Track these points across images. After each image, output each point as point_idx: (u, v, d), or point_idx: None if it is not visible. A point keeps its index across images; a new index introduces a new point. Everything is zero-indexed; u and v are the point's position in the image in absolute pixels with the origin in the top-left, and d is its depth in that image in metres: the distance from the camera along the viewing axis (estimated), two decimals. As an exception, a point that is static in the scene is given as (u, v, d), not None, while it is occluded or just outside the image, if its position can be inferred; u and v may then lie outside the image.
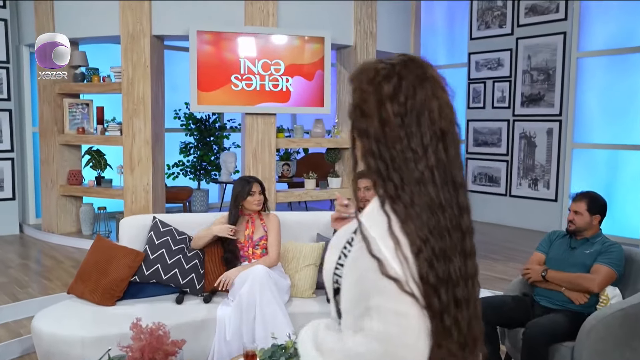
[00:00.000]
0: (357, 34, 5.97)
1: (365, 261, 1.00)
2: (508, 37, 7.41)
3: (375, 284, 0.99)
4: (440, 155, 1.03)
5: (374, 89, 1.04)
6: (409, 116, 1.02)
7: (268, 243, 3.56)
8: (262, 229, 3.60)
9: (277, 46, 5.46)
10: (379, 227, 1.00)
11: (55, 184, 6.09)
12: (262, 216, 3.66)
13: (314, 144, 5.87)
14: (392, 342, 0.98)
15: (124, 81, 5.50)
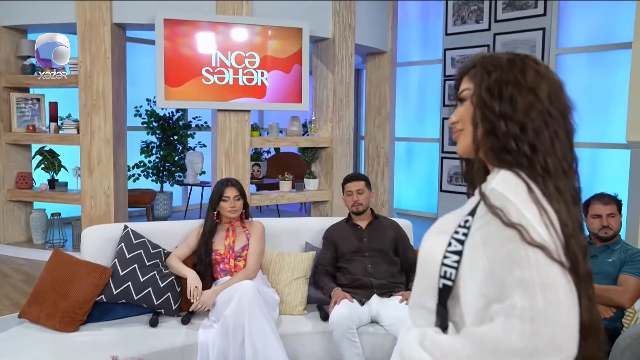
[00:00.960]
0: (336, 26, 5.61)
1: (500, 234, 0.93)
2: (485, 33, 7.20)
3: (517, 255, 0.90)
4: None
5: (518, 76, 1.05)
6: (553, 108, 1.04)
7: (248, 253, 3.15)
8: (245, 237, 3.20)
9: (251, 37, 5.04)
10: (518, 194, 0.95)
11: (2, 188, 5.47)
12: (245, 224, 3.25)
13: (290, 143, 5.48)
14: (540, 320, 0.86)
15: (82, 74, 4.96)
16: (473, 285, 0.99)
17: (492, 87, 1.06)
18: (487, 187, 1.00)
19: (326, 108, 5.71)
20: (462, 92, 1.13)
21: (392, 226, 3.38)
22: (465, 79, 1.14)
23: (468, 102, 1.10)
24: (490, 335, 0.90)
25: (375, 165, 6.89)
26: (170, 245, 3.30)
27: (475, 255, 0.98)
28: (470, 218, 1.02)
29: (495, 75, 1.07)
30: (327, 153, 5.71)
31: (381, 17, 6.46)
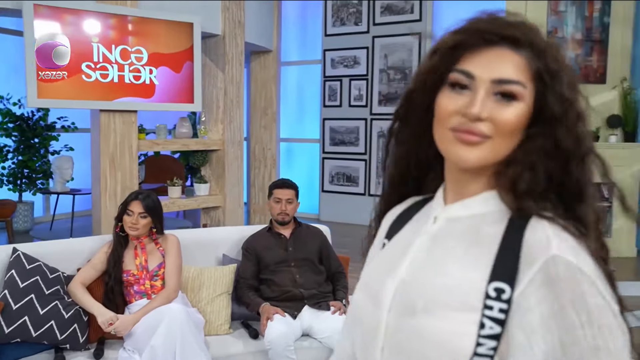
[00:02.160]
0: (226, 23, 5.33)
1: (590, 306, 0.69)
2: (364, 35, 7.37)
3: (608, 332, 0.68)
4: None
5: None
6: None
7: (166, 271, 2.84)
8: (160, 255, 2.87)
9: (137, 31, 4.59)
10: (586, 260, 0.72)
11: None
12: (158, 239, 2.92)
13: (180, 145, 5.10)
14: None
15: None
16: None
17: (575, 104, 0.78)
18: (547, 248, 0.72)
19: (216, 109, 5.42)
20: (510, 83, 0.77)
21: (316, 233, 3.27)
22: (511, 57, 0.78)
23: (522, 104, 0.78)
24: None
25: (262, 167, 6.71)
26: (72, 268, 2.86)
27: (532, 340, 0.71)
28: (506, 287, 0.73)
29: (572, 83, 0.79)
30: (218, 156, 5.42)
31: (267, 14, 6.29)
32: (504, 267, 0.74)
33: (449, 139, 0.79)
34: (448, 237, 0.83)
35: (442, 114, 0.80)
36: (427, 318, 0.76)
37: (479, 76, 0.78)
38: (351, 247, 6.33)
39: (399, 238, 0.90)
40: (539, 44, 0.79)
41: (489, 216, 0.81)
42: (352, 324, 0.90)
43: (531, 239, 0.74)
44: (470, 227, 0.81)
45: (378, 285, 0.85)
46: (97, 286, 2.82)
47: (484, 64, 0.78)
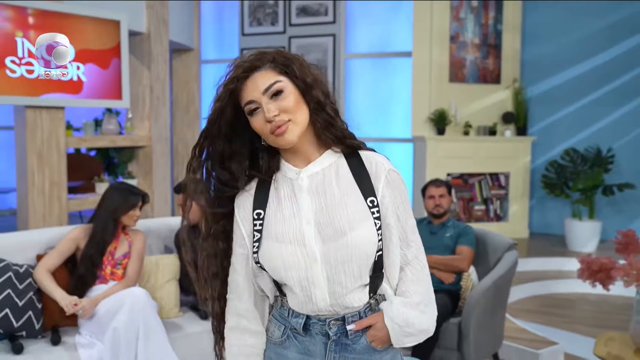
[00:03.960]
0: (150, 21, 5.41)
1: (403, 196, 1.35)
2: (281, 35, 7.64)
3: (408, 207, 1.36)
4: None
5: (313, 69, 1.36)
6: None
7: (130, 261, 3.00)
8: (127, 245, 3.02)
9: (64, 27, 4.58)
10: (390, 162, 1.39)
11: None
12: (127, 231, 3.07)
13: (108, 142, 5.12)
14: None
15: None
16: (395, 246, 1.31)
17: (308, 77, 1.29)
18: (383, 166, 1.32)
19: (142, 106, 5.48)
20: (274, 84, 1.26)
21: None
22: (264, 74, 1.27)
23: (288, 90, 1.27)
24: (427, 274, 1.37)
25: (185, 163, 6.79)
26: (15, 258, 2.91)
27: (389, 215, 1.31)
28: (374, 198, 1.29)
29: (304, 68, 1.31)
30: (145, 152, 5.49)
31: (188, 13, 6.41)
32: (365, 187, 1.30)
33: (273, 139, 1.27)
34: (318, 186, 1.31)
35: (260, 130, 1.28)
36: (353, 232, 1.25)
37: (256, 97, 1.26)
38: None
39: (277, 204, 1.32)
40: (270, 57, 1.29)
41: (333, 165, 1.33)
42: (282, 270, 1.27)
43: (369, 165, 1.32)
44: (327, 176, 1.32)
45: (294, 233, 1.27)
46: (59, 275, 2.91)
47: (251, 88, 1.27)
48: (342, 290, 1.27)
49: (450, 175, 6.65)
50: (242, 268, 1.34)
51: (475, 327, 3.07)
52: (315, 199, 1.29)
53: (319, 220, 1.27)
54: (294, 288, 1.28)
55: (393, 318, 1.29)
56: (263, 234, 1.30)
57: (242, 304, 1.35)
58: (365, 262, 1.26)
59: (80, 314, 2.75)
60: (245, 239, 1.33)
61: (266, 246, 1.28)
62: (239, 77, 1.26)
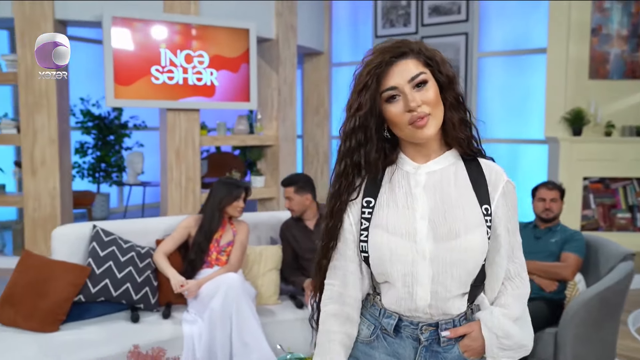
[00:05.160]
0: (279, 27, 5.77)
1: (513, 209, 1.31)
2: (413, 36, 7.62)
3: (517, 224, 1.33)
4: None
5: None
6: None
7: (233, 249, 3.28)
8: (232, 234, 3.31)
9: (199, 37, 5.10)
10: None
11: None
12: (233, 221, 3.37)
13: (238, 141, 5.58)
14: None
15: (21, 72, 4.79)
16: (502, 258, 1.27)
17: (449, 72, 1.25)
18: (502, 176, 1.29)
19: (271, 107, 5.86)
20: (420, 74, 1.20)
21: None
22: (410, 62, 1.21)
23: (431, 83, 1.21)
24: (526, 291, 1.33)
25: (314, 162, 7.11)
26: (140, 241, 3.34)
27: (501, 227, 1.27)
28: (488, 206, 1.25)
29: (445, 64, 1.27)
30: (273, 151, 5.86)
31: (318, 18, 6.69)
32: (482, 194, 1.26)
33: (411, 131, 1.22)
34: (435, 185, 1.26)
35: (397, 119, 1.22)
36: (468, 235, 1.21)
37: (400, 84, 1.20)
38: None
39: (390, 195, 1.27)
40: (414, 46, 1.23)
41: (452, 166, 1.28)
42: (388, 262, 1.23)
43: (487, 172, 1.29)
44: (445, 176, 1.27)
45: (406, 227, 1.23)
46: (173, 258, 3.29)
47: (396, 75, 1.21)
48: (444, 294, 1.22)
49: (588, 180, 6.13)
50: (353, 254, 1.29)
51: (573, 340, 2.86)
52: (431, 196, 1.24)
53: (434, 217, 1.22)
54: (396, 282, 1.23)
55: (492, 328, 1.25)
56: (372, 223, 1.26)
57: (348, 291, 1.29)
58: (473, 268, 1.23)
59: (185, 294, 3.08)
60: (353, 226, 1.28)
61: (375, 235, 1.24)
62: (386, 62, 1.19)
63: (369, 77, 1.20)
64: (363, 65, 1.23)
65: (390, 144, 1.29)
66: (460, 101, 1.25)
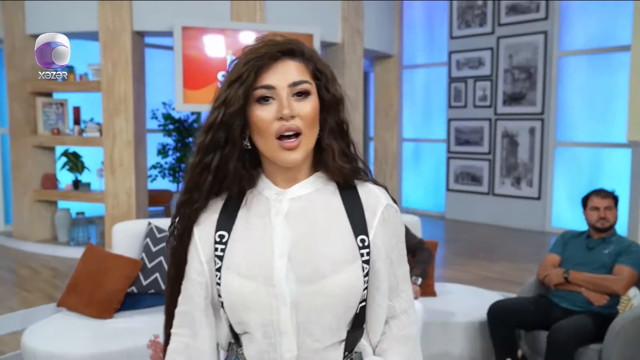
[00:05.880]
0: (345, 32, 5.84)
1: (399, 244, 1.11)
2: (489, 36, 7.42)
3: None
4: None
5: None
6: None
7: None
8: None
9: (265, 43, 5.29)
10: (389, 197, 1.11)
11: (28, 188, 5.74)
12: None
13: (302, 144, 5.72)
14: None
15: (104, 79, 5.23)
16: (383, 296, 1.07)
17: (337, 93, 1.07)
18: (380, 200, 1.07)
19: (336, 110, 5.95)
20: (305, 83, 1.01)
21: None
22: (297, 65, 1.02)
23: (313, 97, 1.02)
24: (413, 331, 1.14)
25: (383, 165, 7.11)
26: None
27: (381, 260, 1.07)
28: (365, 237, 1.04)
29: (335, 83, 1.07)
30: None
31: (388, 21, 6.69)
32: (357, 223, 1.05)
33: (275, 148, 1.00)
34: (300, 213, 1.05)
35: (263, 125, 1.00)
36: (335, 276, 1.00)
37: (278, 85, 1.00)
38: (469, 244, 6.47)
39: (246, 227, 1.06)
40: (307, 51, 1.05)
41: (322, 190, 1.08)
42: (243, 311, 1.02)
43: (365, 198, 1.07)
44: (312, 202, 1.06)
45: (262, 267, 1.01)
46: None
47: (277, 75, 1.00)
48: (314, 345, 1.02)
49: (676, 187, 5.67)
50: (200, 299, 1.07)
51: (618, 359, 2.70)
52: (294, 228, 1.03)
53: (295, 255, 1.01)
54: (256, 333, 1.03)
55: None
56: (224, 263, 1.05)
57: (198, 344, 1.09)
58: (345, 313, 1.03)
59: None
60: (204, 264, 1.07)
61: (227, 279, 1.03)
62: (270, 55, 1.00)
63: (246, 68, 0.99)
64: (243, 53, 1.03)
65: (251, 157, 1.07)
66: (343, 129, 1.07)
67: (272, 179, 1.07)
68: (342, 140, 1.07)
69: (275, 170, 1.06)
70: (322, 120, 1.04)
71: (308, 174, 1.08)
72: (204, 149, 1.03)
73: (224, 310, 1.06)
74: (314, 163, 1.08)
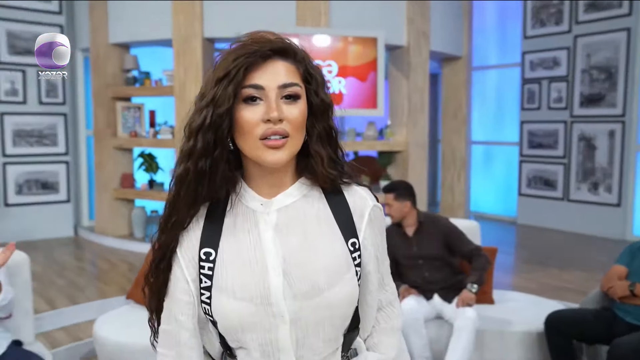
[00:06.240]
0: (410, 34, 5.81)
1: (382, 238, 1.13)
2: (565, 35, 7.12)
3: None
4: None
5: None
6: None
7: None
8: None
9: (329, 47, 5.36)
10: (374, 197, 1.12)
11: (109, 187, 6.14)
12: None
13: (366, 146, 5.75)
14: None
15: (176, 84, 5.49)
16: (373, 296, 1.09)
17: (326, 99, 1.05)
18: (367, 201, 1.06)
19: (401, 113, 5.93)
20: (295, 86, 0.97)
21: (438, 225, 3.33)
22: (288, 67, 0.98)
23: (302, 101, 0.99)
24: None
25: (451, 168, 7.00)
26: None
27: (371, 261, 1.08)
28: (355, 240, 1.04)
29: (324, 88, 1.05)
30: (402, 157, 5.93)
31: (456, 22, 6.58)
32: (346, 227, 1.04)
33: (258, 147, 0.95)
34: (289, 224, 1.01)
35: (248, 126, 0.95)
36: (333, 289, 0.99)
37: (267, 85, 0.95)
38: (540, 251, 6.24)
39: (234, 245, 1.00)
40: (299, 52, 1.00)
41: (308, 197, 1.05)
42: (240, 332, 0.98)
43: (352, 201, 1.06)
44: (300, 210, 1.03)
45: (257, 287, 0.97)
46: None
47: (267, 75, 0.96)
48: (313, 357, 1.02)
49: None
50: (187, 319, 1.02)
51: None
52: (285, 242, 1.00)
53: (290, 270, 0.98)
54: (253, 352, 1.00)
55: None
56: (214, 283, 0.99)
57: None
58: (342, 322, 1.03)
59: None
60: (190, 283, 1.01)
61: (219, 302, 0.99)
62: (261, 53, 0.95)
63: (235, 64, 0.94)
64: (232, 49, 0.98)
65: (234, 157, 1.02)
66: (332, 135, 1.04)
67: (255, 186, 1.03)
68: (330, 146, 1.04)
69: (259, 177, 1.02)
70: (310, 126, 1.01)
71: (293, 179, 1.05)
72: (197, 154, 0.96)
73: (214, 327, 1.02)
74: (298, 169, 1.05)
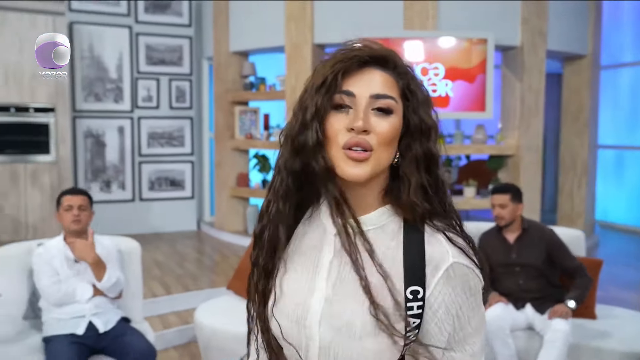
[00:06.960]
0: (524, 34, 5.58)
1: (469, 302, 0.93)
2: None
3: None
4: None
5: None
6: None
7: None
8: None
9: (436, 49, 5.32)
10: (467, 255, 0.94)
11: (227, 185, 6.60)
12: None
13: (474, 150, 5.62)
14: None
15: (288, 89, 5.77)
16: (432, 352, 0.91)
17: (426, 119, 0.94)
18: (446, 256, 0.89)
19: (513, 116, 5.71)
20: (390, 99, 0.90)
21: (543, 236, 3.20)
22: (386, 77, 0.92)
23: (396, 117, 0.91)
24: None
25: (571, 173, 6.59)
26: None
27: (441, 327, 0.91)
28: (419, 289, 0.88)
29: (426, 107, 0.95)
30: (514, 161, 5.71)
31: (579, 19, 6.18)
32: (414, 274, 0.89)
33: (340, 158, 0.89)
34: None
35: (332, 133, 0.89)
36: (368, 339, 0.88)
37: (358, 93, 0.89)
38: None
39: (297, 252, 0.98)
40: (401, 65, 0.93)
41: (386, 228, 0.94)
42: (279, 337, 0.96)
43: (430, 250, 0.90)
44: (370, 242, 0.92)
45: (299, 306, 0.93)
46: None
47: (360, 83, 0.90)
48: None
49: None
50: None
51: None
52: (341, 270, 0.93)
53: (332, 300, 0.92)
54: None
55: None
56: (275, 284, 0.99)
57: None
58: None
59: None
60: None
61: (271, 302, 0.98)
62: (359, 59, 0.91)
63: (332, 70, 0.90)
64: (334, 55, 0.94)
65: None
66: (431, 161, 0.92)
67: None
68: (427, 173, 0.92)
69: (344, 190, 0.93)
70: (405, 147, 0.92)
71: (377, 204, 0.95)
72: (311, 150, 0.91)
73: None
74: (387, 194, 0.95)
